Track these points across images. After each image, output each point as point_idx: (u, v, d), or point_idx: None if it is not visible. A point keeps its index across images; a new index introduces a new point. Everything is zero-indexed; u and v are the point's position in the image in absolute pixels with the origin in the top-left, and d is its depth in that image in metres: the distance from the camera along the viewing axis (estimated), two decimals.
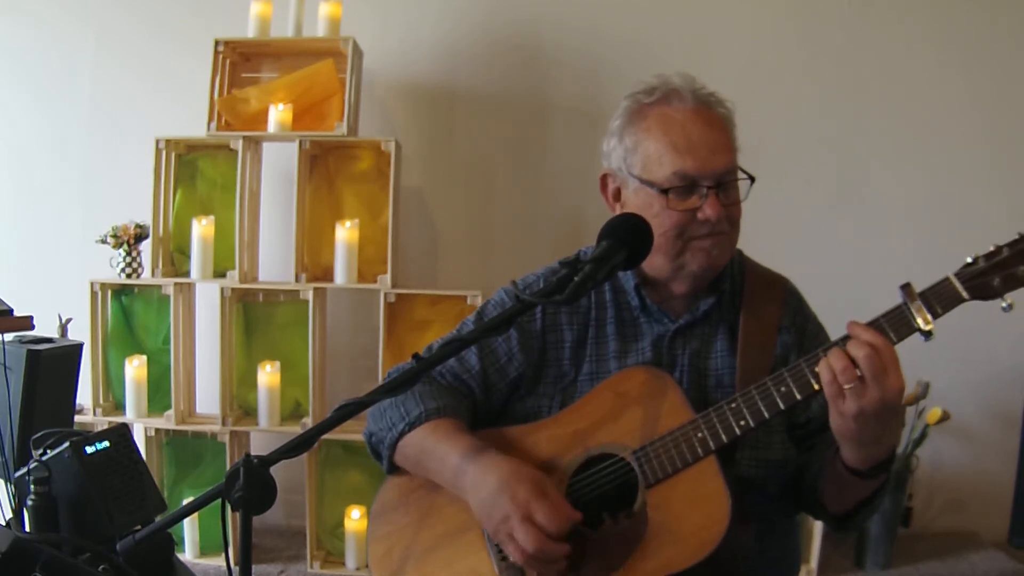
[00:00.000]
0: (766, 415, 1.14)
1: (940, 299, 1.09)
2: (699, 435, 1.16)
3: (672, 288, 1.31)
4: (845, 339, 1.11)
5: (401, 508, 1.29)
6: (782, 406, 1.14)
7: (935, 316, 1.08)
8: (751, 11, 3.07)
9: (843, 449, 1.12)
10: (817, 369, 1.09)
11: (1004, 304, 1.09)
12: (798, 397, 1.13)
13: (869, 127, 3.07)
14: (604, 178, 1.35)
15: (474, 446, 1.21)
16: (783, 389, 1.14)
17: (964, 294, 1.09)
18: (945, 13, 3.03)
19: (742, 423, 1.15)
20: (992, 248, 1.10)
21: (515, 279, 1.40)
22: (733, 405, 1.16)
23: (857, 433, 1.07)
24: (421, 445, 1.25)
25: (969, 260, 1.10)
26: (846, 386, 1.04)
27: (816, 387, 1.12)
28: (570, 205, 3.09)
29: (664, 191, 1.23)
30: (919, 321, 1.08)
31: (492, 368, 1.34)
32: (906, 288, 1.10)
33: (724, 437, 1.15)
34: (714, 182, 1.23)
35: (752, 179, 1.27)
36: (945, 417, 2.85)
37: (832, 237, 3.09)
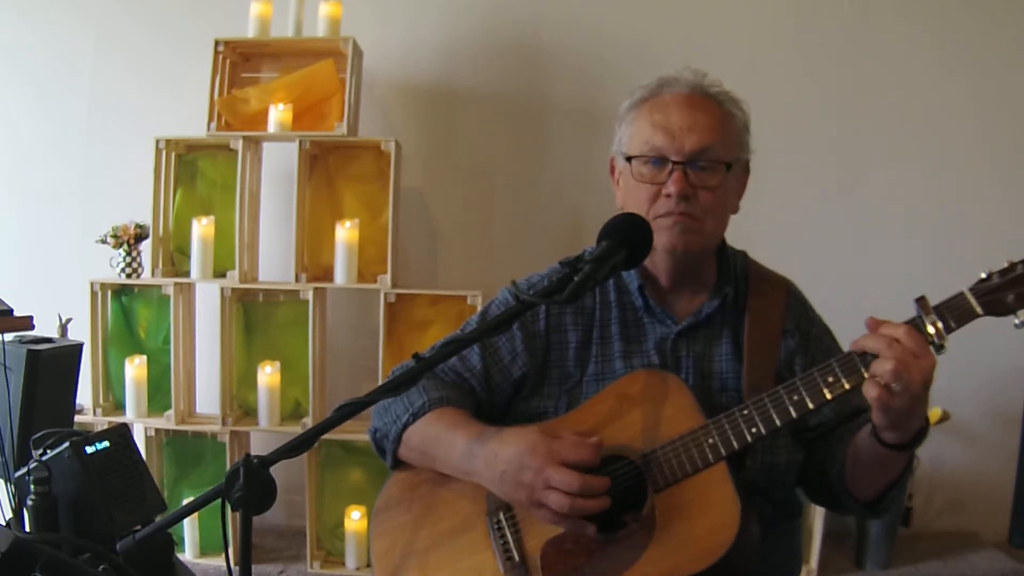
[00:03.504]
0: (778, 423, 1.14)
1: (954, 313, 1.08)
2: (710, 441, 1.15)
3: (660, 280, 1.32)
4: (848, 354, 1.12)
5: (404, 504, 1.28)
6: (794, 415, 1.14)
7: (948, 330, 1.08)
8: (751, 11, 3.07)
9: (887, 434, 1.11)
10: (864, 390, 1.07)
11: (1017, 321, 1.09)
12: (810, 407, 1.13)
13: (869, 127, 3.07)
14: (612, 162, 1.38)
15: (480, 430, 1.21)
16: (795, 398, 1.13)
17: (978, 309, 1.08)
18: (945, 13, 3.03)
19: (753, 430, 1.15)
20: (1006, 264, 1.09)
21: (515, 279, 1.41)
22: (745, 412, 1.16)
23: (906, 418, 1.07)
24: (426, 434, 1.25)
25: (983, 276, 1.09)
26: (894, 385, 1.04)
27: (829, 397, 1.12)
28: (570, 205, 3.10)
29: (629, 159, 1.28)
30: (932, 334, 1.08)
31: (495, 368, 1.34)
32: (920, 301, 1.10)
33: (735, 444, 1.15)
34: (683, 159, 1.24)
35: (729, 166, 1.27)
36: (945, 417, 2.85)
37: (832, 237, 3.09)
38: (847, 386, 1.11)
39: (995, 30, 3.03)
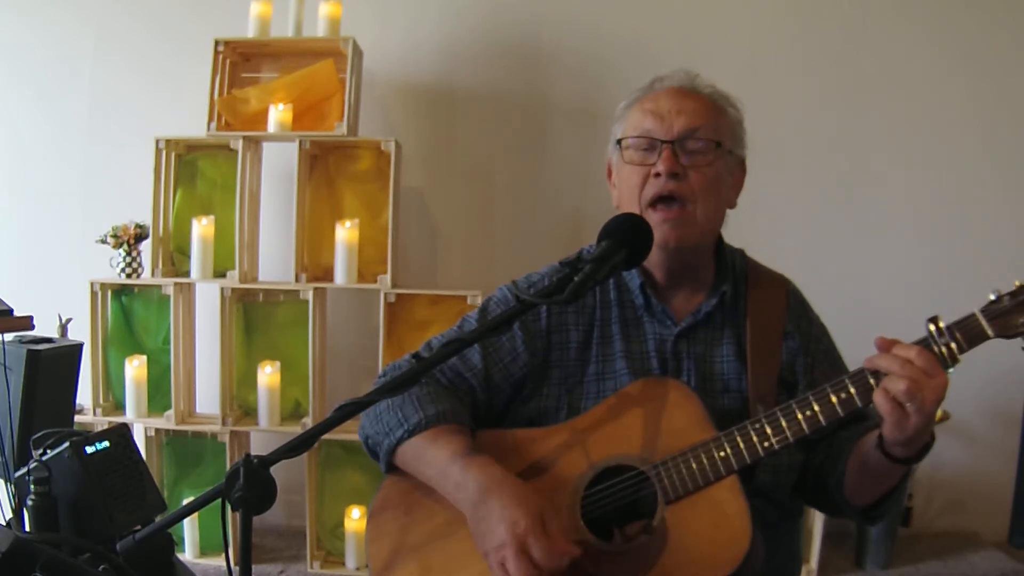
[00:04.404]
0: (790, 439, 1.14)
1: (966, 335, 1.09)
2: (721, 454, 1.15)
3: (656, 277, 1.32)
4: (861, 371, 1.12)
5: (402, 507, 1.27)
6: (807, 430, 1.14)
7: (961, 351, 1.09)
8: (751, 11, 3.07)
9: (897, 449, 1.11)
10: (874, 398, 1.08)
11: None
12: (823, 423, 1.13)
13: (869, 127, 3.07)
14: (608, 165, 1.38)
15: (474, 461, 1.17)
16: (808, 413, 1.14)
17: (990, 332, 1.09)
18: (945, 12, 3.04)
19: (766, 444, 1.14)
20: (1016, 286, 1.09)
21: (516, 279, 1.41)
22: (757, 426, 1.15)
23: (916, 433, 1.08)
24: (421, 455, 1.22)
25: (993, 297, 1.10)
26: (908, 405, 1.04)
27: (841, 413, 1.13)
28: (570, 205, 3.10)
29: (618, 141, 1.30)
30: (945, 356, 1.09)
31: (496, 367, 1.32)
32: (933, 321, 1.10)
33: (748, 458, 1.15)
34: (672, 138, 1.25)
35: (719, 144, 1.27)
36: (945, 417, 2.85)
37: (833, 237, 3.09)
38: (859, 404, 1.12)
39: (995, 30, 3.03)
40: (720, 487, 1.15)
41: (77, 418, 2.64)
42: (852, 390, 1.12)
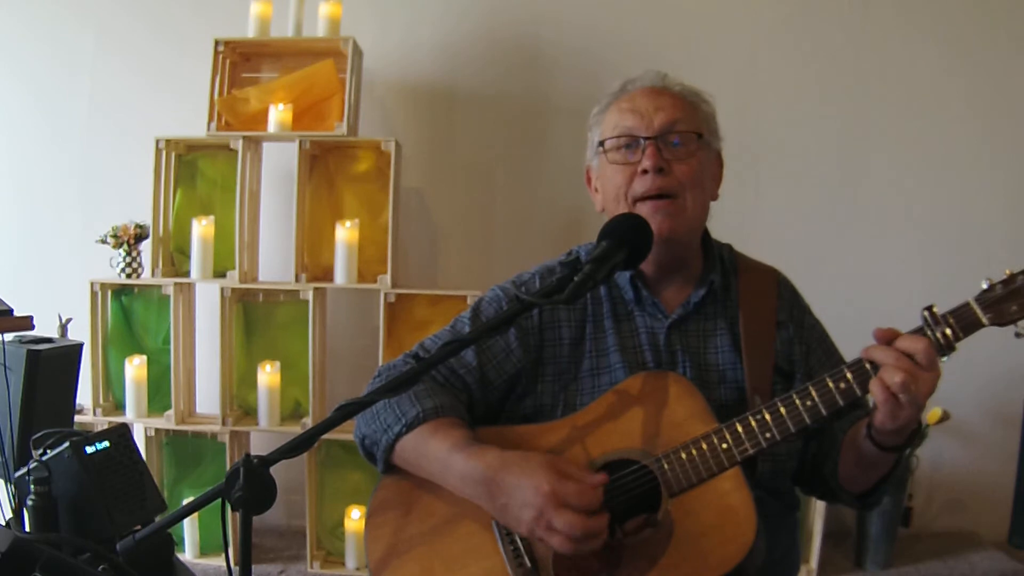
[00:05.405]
0: (793, 429, 1.15)
1: (961, 324, 1.10)
2: (724, 445, 1.15)
3: (647, 270, 1.33)
4: (859, 361, 1.12)
5: (401, 507, 1.27)
6: (808, 421, 1.14)
7: (957, 340, 1.10)
8: (751, 11, 3.07)
9: (885, 438, 1.13)
10: (870, 387, 1.09)
11: (1019, 330, 1.11)
12: (824, 413, 1.14)
13: (869, 127, 3.07)
14: (588, 171, 1.40)
15: (480, 452, 1.17)
16: (808, 403, 1.14)
17: (984, 320, 1.10)
18: (945, 12, 3.04)
19: (768, 435, 1.15)
20: (1006, 275, 1.11)
21: (512, 279, 1.41)
22: (759, 416, 1.16)
23: (908, 423, 1.10)
24: (421, 449, 1.22)
25: (985, 286, 1.11)
26: (902, 396, 1.06)
27: (841, 403, 1.13)
28: (570, 205, 3.09)
29: (601, 143, 1.31)
30: (942, 345, 1.10)
31: (490, 364, 1.33)
32: (929, 311, 1.11)
33: (751, 449, 1.15)
34: (654, 134, 1.27)
35: (700, 135, 1.29)
36: (945, 417, 2.85)
37: (833, 237, 3.08)
38: (859, 393, 1.12)
39: (995, 30, 3.03)
40: (724, 479, 1.15)
41: (77, 418, 2.64)
42: (851, 380, 1.13)
